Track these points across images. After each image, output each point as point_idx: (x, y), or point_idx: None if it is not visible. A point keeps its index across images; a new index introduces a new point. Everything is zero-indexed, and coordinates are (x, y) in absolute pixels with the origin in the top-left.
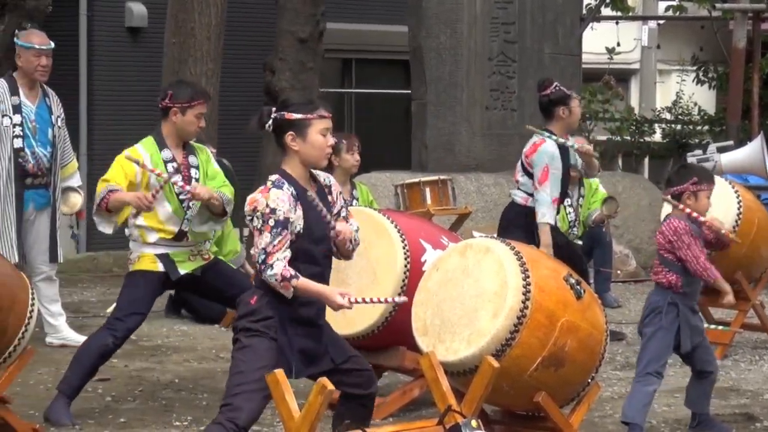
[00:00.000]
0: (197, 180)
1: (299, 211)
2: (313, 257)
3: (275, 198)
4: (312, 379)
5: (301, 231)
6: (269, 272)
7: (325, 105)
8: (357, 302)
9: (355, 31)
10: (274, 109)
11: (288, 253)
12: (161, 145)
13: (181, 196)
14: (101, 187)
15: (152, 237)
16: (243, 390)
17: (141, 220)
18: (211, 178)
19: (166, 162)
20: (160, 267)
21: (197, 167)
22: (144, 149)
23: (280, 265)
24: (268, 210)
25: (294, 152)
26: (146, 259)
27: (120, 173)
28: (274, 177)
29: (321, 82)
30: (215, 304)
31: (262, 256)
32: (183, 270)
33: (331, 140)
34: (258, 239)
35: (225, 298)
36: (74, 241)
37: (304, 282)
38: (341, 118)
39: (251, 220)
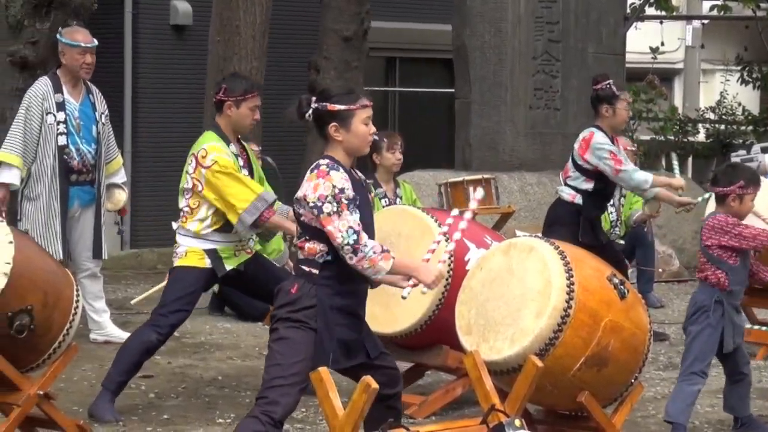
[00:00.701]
0: (252, 175)
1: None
2: None
3: (339, 178)
4: (346, 374)
5: None
6: (367, 249)
7: (365, 94)
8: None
9: (400, 29)
10: (314, 98)
11: None
12: (226, 139)
13: None
14: (252, 198)
15: (207, 230)
16: (279, 384)
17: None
18: (257, 177)
19: (236, 155)
20: (207, 263)
21: (249, 170)
22: (221, 144)
23: (377, 246)
24: (337, 191)
25: (338, 142)
26: (194, 254)
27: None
28: (324, 161)
29: (365, 81)
30: (258, 302)
31: (354, 236)
32: (229, 266)
33: (373, 129)
34: (338, 222)
35: (266, 292)
36: (119, 238)
37: (402, 260)
38: (385, 116)
39: (321, 207)
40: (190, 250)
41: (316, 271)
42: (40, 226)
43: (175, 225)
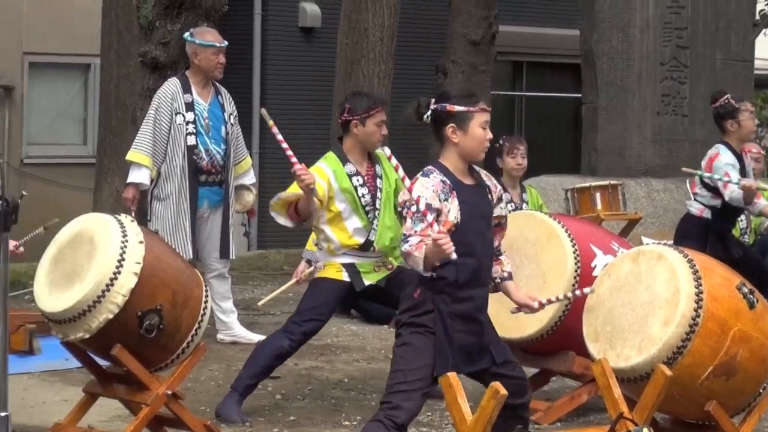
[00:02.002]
0: (381, 190)
1: (454, 202)
2: (472, 251)
3: (420, 186)
4: (474, 377)
5: (458, 223)
6: (404, 246)
7: (484, 99)
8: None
9: (527, 33)
10: (433, 99)
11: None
12: (343, 159)
13: (367, 208)
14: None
15: (339, 250)
16: (403, 389)
17: (330, 232)
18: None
19: (350, 176)
20: (345, 277)
21: (381, 177)
22: (327, 166)
23: (414, 239)
24: (412, 198)
25: (453, 144)
26: (332, 267)
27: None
28: (426, 168)
29: (492, 85)
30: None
31: (404, 248)
32: (368, 281)
33: (489, 134)
34: (405, 225)
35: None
36: (246, 239)
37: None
38: (511, 121)
39: (401, 211)
40: (329, 263)
41: (434, 276)
42: (170, 226)
43: (315, 241)
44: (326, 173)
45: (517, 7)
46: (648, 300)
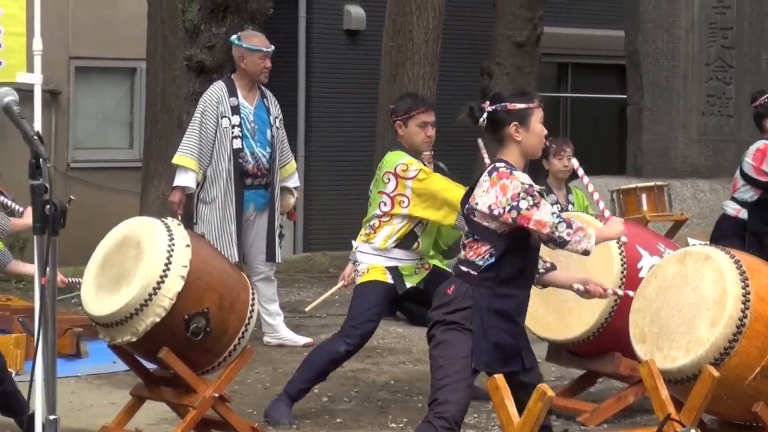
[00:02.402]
0: None
1: None
2: (518, 249)
3: (522, 175)
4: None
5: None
6: (575, 226)
7: (537, 94)
8: None
9: (572, 35)
10: (487, 102)
11: None
12: (412, 156)
13: None
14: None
15: (391, 245)
16: (445, 383)
17: (397, 235)
18: None
19: None
20: (389, 279)
21: None
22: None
23: (572, 225)
24: (527, 186)
25: (515, 143)
26: (376, 270)
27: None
28: (501, 163)
29: (537, 87)
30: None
31: (559, 218)
32: (409, 283)
33: (545, 130)
34: (540, 212)
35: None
36: (292, 241)
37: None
38: (556, 122)
39: (518, 205)
40: (372, 266)
41: (474, 273)
42: (216, 229)
43: (355, 244)
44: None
45: (562, 8)
46: (695, 301)
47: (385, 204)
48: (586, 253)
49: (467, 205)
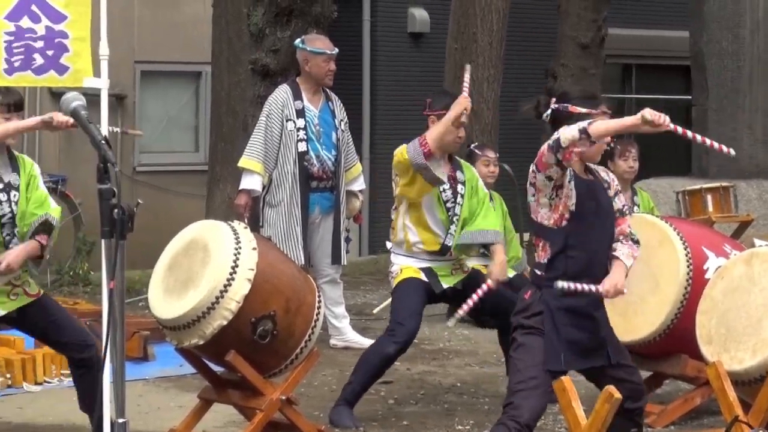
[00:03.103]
0: (462, 196)
1: (573, 191)
2: (584, 244)
3: None
4: (589, 380)
5: (573, 212)
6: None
7: (605, 100)
8: None
9: (637, 36)
10: (553, 99)
11: None
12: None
13: (447, 204)
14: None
15: (418, 246)
16: (521, 388)
17: (409, 222)
18: (474, 197)
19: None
20: (423, 276)
21: (464, 183)
22: None
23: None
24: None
25: None
26: (408, 270)
27: None
28: None
29: (601, 88)
30: None
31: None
32: (446, 284)
33: (608, 138)
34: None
35: (485, 309)
36: (357, 243)
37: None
38: None
39: (535, 168)
40: (405, 266)
41: (541, 273)
42: (282, 232)
43: (389, 244)
44: None
45: (627, 9)
46: (762, 302)
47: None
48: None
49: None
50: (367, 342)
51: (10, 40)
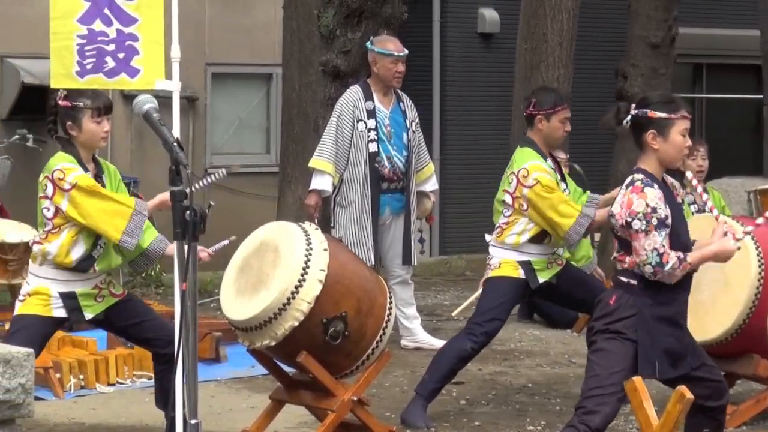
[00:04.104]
0: (569, 192)
1: (667, 207)
2: (683, 250)
3: (653, 197)
4: (673, 384)
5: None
6: (667, 268)
7: (686, 105)
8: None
9: (707, 35)
10: (633, 105)
11: None
12: (543, 155)
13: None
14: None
15: (523, 245)
16: (597, 393)
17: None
18: (572, 188)
19: (553, 170)
20: (521, 274)
21: (565, 180)
22: (542, 162)
23: (673, 256)
24: (649, 210)
25: (652, 151)
26: (508, 265)
27: None
28: (639, 176)
29: (672, 88)
30: (568, 309)
31: (656, 258)
32: (542, 278)
33: (689, 142)
34: (644, 241)
35: (575, 301)
36: (428, 244)
37: (694, 255)
38: (692, 123)
39: (631, 223)
40: (505, 261)
41: (635, 282)
42: (353, 232)
43: (488, 237)
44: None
45: (697, 8)
46: None
47: (507, 204)
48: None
49: (611, 220)
50: (438, 342)
51: (82, 43)
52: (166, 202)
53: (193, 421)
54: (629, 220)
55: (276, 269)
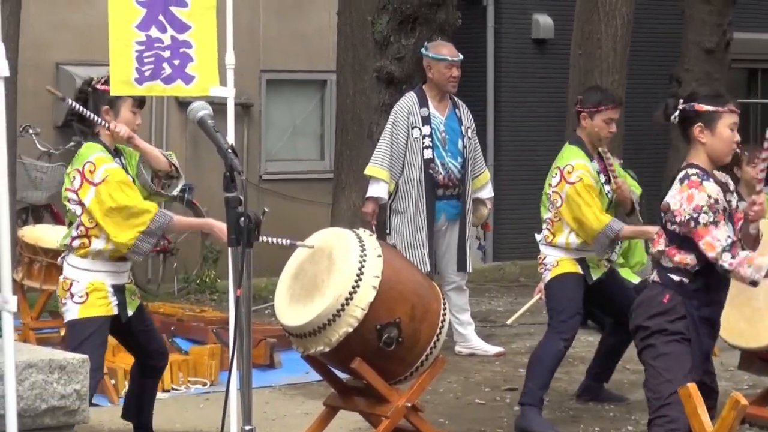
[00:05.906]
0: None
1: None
2: None
3: (712, 189)
4: None
5: None
6: (737, 259)
7: (733, 100)
8: None
9: (763, 40)
10: (681, 100)
11: None
12: (589, 155)
13: (609, 195)
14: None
15: (573, 245)
16: (675, 400)
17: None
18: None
19: (598, 172)
20: (579, 269)
21: (615, 177)
22: (587, 162)
23: (744, 252)
24: (712, 201)
25: (700, 145)
26: (567, 262)
27: None
28: (693, 170)
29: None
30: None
31: (728, 247)
32: (595, 275)
33: (737, 137)
34: (716, 232)
35: (615, 307)
36: (480, 253)
37: (752, 256)
38: (746, 129)
39: (698, 218)
40: (561, 259)
41: (687, 281)
42: (408, 239)
43: (538, 236)
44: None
45: (752, 13)
46: None
47: (551, 200)
48: (753, 284)
49: (662, 213)
50: (492, 349)
51: (141, 50)
52: (209, 226)
53: (247, 428)
54: (695, 215)
55: (330, 276)
